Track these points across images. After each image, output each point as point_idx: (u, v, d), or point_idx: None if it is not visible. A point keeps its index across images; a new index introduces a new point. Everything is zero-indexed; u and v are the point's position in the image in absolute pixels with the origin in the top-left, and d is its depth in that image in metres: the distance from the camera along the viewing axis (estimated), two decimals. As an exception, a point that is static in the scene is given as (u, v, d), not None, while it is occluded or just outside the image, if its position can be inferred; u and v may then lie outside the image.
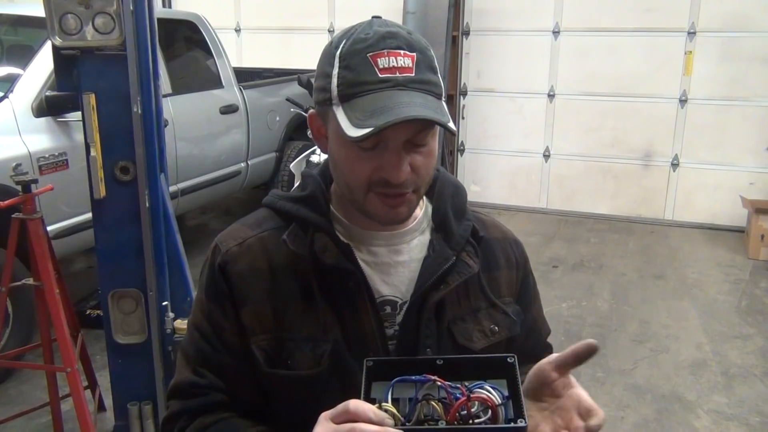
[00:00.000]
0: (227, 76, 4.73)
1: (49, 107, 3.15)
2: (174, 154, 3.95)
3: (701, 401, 2.99)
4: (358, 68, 0.85)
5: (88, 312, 3.50)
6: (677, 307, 4.03)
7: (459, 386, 0.79)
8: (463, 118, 6.17)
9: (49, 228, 2.63)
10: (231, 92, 4.72)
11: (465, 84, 6.13)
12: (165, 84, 3.95)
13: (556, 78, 5.83)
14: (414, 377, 0.80)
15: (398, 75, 0.85)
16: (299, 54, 6.27)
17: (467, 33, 6.03)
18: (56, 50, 2.03)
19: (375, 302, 0.96)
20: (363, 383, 0.81)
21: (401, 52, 0.86)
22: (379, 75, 0.85)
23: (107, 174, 2.13)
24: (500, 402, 0.78)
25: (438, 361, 0.84)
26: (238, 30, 6.96)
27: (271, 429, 0.94)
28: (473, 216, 1.05)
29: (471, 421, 0.77)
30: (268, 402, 0.97)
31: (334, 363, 0.92)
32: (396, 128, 0.83)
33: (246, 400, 0.97)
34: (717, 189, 5.52)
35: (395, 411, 0.77)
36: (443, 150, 5.72)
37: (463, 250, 1.00)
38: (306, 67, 4.55)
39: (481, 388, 0.79)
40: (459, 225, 1.01)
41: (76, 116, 2.67)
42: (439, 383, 0.79)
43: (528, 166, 6.10)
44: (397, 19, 5.62)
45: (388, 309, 0.97)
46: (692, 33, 5.34)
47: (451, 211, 1.02)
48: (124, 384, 2.35)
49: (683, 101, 5.49)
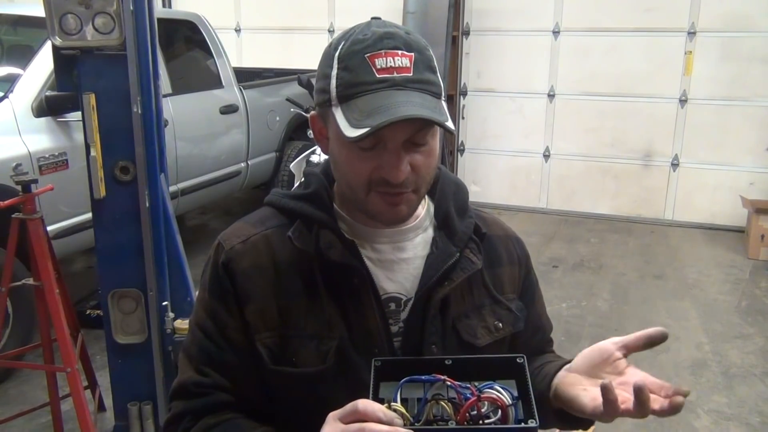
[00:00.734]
0: (227, 76, 4.73)
1: (49, 107, 3.15)
2: (174, 154, 3.95)
3: (701, 401, 2.99)
4: (356, 69, 0.85)
5: (88, 312, 3.50)
6: (677, 307, 4.02)
7: (469, 386, 0.78)
8: (463, 118, 6.17)
9: (49, 228, 2.62)
10: (231, 92, 4.72)
11: (465, 84, 6.12)
12: (165, 84, 3.94)
13: (556, 78, 5.83)
14: (423, 377, 0.79)
15: (396, 75, 0.85)
16: (299, 54, 6.26)
17: (467, 33, 6.03)
18: (56, 50, 2.03)
19: (380, 299, 0.95)
20: (371, 383, 0.80)
21: (399, 52, 0.86)
22: (377, 75, 0.85)
23: (107, 174, 2.13)
24: (510, 402, 0.78)
25: (447, 361, 0.84)
26: (238, 30, 6.96)
27: (277, 429, 0.93)
28: (475, 213, 1.06)
29: (481, 422, 0.77)
30: (273, 400, 0.96)
31: (340, 360, 0.92)
32: (394, 128, 0.83)
33: (251, 399, 0.96)
34: (717, 189, 5.52)
35: (404, 411, 0.76)
36: (443, 150, 5.72)
37: (466, 247, 1.00)
38: (306, 68, 4.55)
39: (491, 389, 0.78)
40: (461, 222, 1.01)
41: (76, 116, 2.66)
42: (449, 383, 0.78)
43: (528, 166, 6.10)
44: (397, 19, 5.62)
45: (393, 306, 0.97)
46: (692, 33, 5.34)
47: (454, 209, 1.02)
48: (124, 384, 2.35)
49: (683, 101, 5.49)
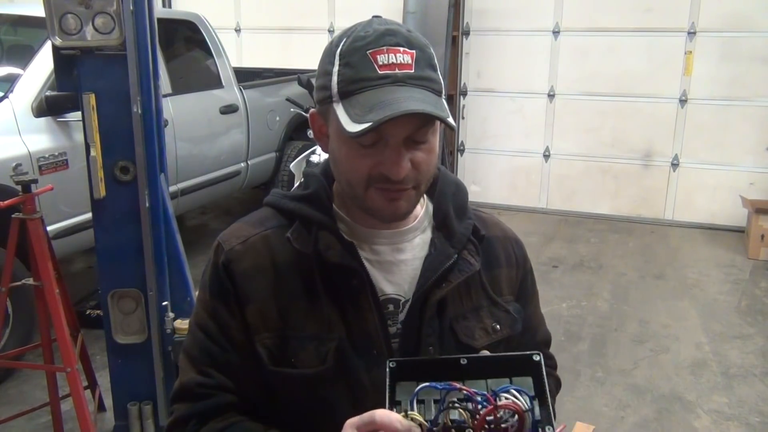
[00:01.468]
0: (227, 76, 4.73)
1: (49, 107, 3.14)
2: (174, 154, 3.95)
3: (701, 401, 2.99)
4: (358, 65, 0.85)
5: (88, 312, 3.50)
6: (677, 307, 4.02)
7: (485, 393, 0.77)
8: (463, 118, 6.17)
9: (49, 228, 2.63)
10: (231, 92, 4.71)
11: (465, 84, 6.12)
12: (165, 84, 3.94)
13: (556, 78, 5.83)
14: (439, 385, 0.78)
15: (398, 71, 0.85)
16: (299, 54, 6.26)
17: (467, 33, 6.03)
18: (56, 50, 2.03)
19: (378, 300, 0.95)
20: (387, 386, 0.79)
21: (401, 49, 0.86)
22: (379, 71, 0.85)
23: (107, 174, 2.13)
24: (527, 408, 0.77)
25: (462, 361, 0.83)
26: (238, 30, 6.95)
27: (281, 431, 0.93)
28: (474, 214, 1.05)
29: (499, 427, 0.76)
30: (274, 401, 0.96)
31: (339, 361, 0.92)
32: (395, 124, 0.83)
33: (254, 400, 0.96)
34: (717, 189, 5.52)
35: (422, 419, 0.76)
36: (443, 150, 5.72)
37: (465, 249, 1.00)
38: (306, 67, 4.55)
39: (507, 392, 0.77)
40: (460, 223, 1.01)
41: (76, 116, 2.66)
42: (465, 392, 0.77)
43: (528, 166, 6.09)
44: (398, 19, 5.58)
45: (391, 307, 0.97)
46: (692, 33, 5.34)
47: (453, 210, 1.02)
48: (124, 384, 2.35)
49: (683, 101, 5.48)
